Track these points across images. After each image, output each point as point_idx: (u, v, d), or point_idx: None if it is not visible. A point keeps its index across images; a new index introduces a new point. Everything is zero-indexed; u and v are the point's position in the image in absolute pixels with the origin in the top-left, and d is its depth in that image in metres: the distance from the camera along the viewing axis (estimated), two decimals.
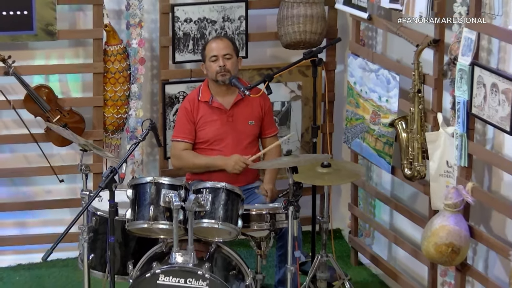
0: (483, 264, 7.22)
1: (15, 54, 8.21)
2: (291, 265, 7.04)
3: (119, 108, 8.65)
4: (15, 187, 8.88)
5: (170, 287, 6.74)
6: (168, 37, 8.66)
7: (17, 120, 8.39)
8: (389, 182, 8.43)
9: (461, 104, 6.91)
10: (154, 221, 6.94)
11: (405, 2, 7.47)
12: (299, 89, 8.90)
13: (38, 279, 8.43)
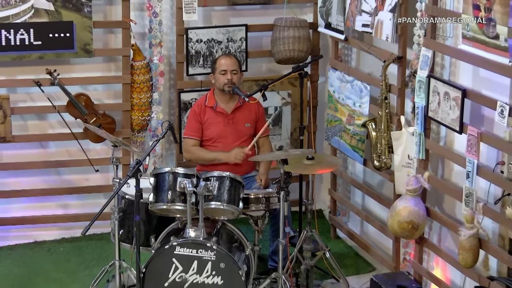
0: (437, 238, 7.30)
1: (59, 68, 8.28)
2: (282, 239, 7.08)
3: (143, 112, 8.68)
4: (59, 176, 8.91)
5: (185, 256, 6.76)
6: (182, 54, 8.67)
7: (61, 121, 8.43)
8: (362, 171, 8.47)
9: (419, 108, 6.97)
10: (172, 203, 6.98)
11: (374, 26, 7.51)
12: (289, 97, 8.92)
13: (78, 250, 8.45)
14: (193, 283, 6.78)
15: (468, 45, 6.35)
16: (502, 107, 6.07)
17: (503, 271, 6.48)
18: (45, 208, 8.91)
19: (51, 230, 8.81)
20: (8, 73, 8.51)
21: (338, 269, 7.74)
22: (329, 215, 8.98)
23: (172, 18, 8.70)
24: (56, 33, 8.32)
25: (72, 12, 8.31)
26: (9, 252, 8.50)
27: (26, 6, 8.21)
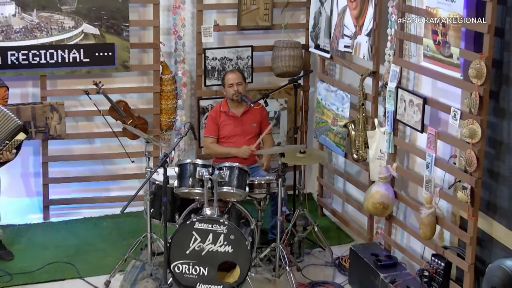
0: (403, 216, 7.31)
1: (103, 80, 8.30)
2: (280, 216, 7.10)
3: (169, 115, 8.68)
4: (103, 166, 8.91)
5: (202, 230, 6.76)
6: (201, 69, 8.67)
7: (104, 123, 8.45)
8: (343, 163, 8.46)
9: (389, 112, 6.99)
10: (192, 188, 7.00)
11: (354, 47, 7.53)
12: (285, 103, 8.91)
13: (117, 225, 8.46)
14: (209, 251, 6.78)
15: (428, 62, 6.39)
16: (455, 112, 6.10)
17: (455, 241, 6.52)
18: (91, 191, 8.91)
19: (96, 208, 8.80)
20: (63, 84, 8.53)
21: (324, 240, 7.76)
22: (317, 197, 8.96)
23: (193, 40, 8.68)
24: (101, 52, 8.33)
25: (114, 36, 8.33)
26: (64, 225, 8.51)
27: (78, 31, 8.22)
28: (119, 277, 7.29)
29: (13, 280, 7.25)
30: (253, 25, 8.68)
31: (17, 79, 8.33)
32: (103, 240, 8.14)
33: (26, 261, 7.62)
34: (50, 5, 8.12)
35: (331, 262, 7.59)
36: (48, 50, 8.18)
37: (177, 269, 6.84)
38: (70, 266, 7.53)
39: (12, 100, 8.32)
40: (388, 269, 6.66)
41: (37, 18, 8.11)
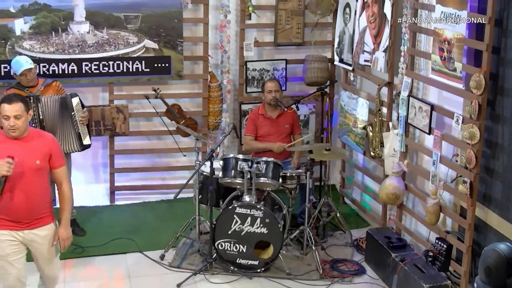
0: (412, 205, 7.28)
1: (160, 87, 8.32)
2: (307, 203, 7.13)
3: (216, 117, 8.70)
4: (160, 159, 8.93)
5: (242, 214, 6.80)
6: (243, 78, 8.67)
7: (161, 122, 8.46)
8: (362, 159, 8.43)
9: (402, 117, 6.96)
10: (234, 178, 7.02)
11: (372, 61, 7.51)
12: (314, 108, 8.90)
13: (171, 208, 8.47)
14: (247, 232, 6.82)
15: (435, 75, 6.36)
16: (457, 117, 6.09)
17: (455, 227, 6.51)
18: (150, 179, 8.94)
19: (154, 194, 8.83)
20: (127, 90, 8.59)
21: (344, 224, 7.76)
22: (339, 188, 8.94)
23: (236, 54, 8.68)
24: (159, 64, 8.37)
25: (170, 50, 8.37)
26: (127, 208, 8.58)
27: (140, 46, 8.28)
28: (171, 252, 7.33)
29: (85, 252, 7.33)
30: (287, 42, 8.67)
31: (89, 85, 8.41)
32: (159, 221, 8.18)
33: (95, 236, 7.70)
34: (117, 24, 8.19)
35: (350, 243, 7.57)
36: (115, 61, 8.26)
37: (221, 246, 6.89)
38: (131, 242, 7.59)
39: (85, 103, 8.37)
40: (399, 250, 6.66)
41: (107, 35, 8.18)
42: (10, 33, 7.95)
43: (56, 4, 8.00)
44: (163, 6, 8.24)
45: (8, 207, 5.19)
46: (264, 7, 8.60)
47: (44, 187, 5.33)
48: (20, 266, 5.31)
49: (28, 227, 5.27)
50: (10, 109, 5.11)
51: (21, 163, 5.15)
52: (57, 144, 5.45)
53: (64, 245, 5.45)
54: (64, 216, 5.43)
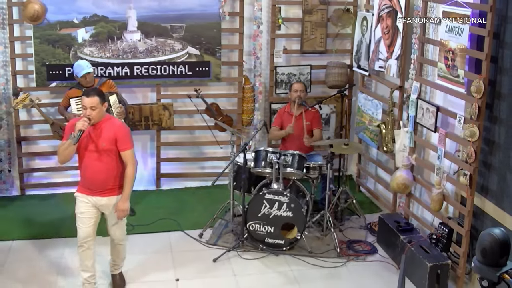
0: (418, 193, 7.25)
1: (201, 88, 8.34)
2: (328, 191, 7.15)
3: (249, 115, 8.72)
4: (199, 150, 8.95)
5: (271, 199, 6.82)
6: (273, 81, 8.68)
7: (201, 119, 8.49)
8: (375, 153, 8.39)
9: (411, 117, 6.96)
10: (264, 168, 7.05)
11: (386, 67, 7.50)
12: (334, 108, 8.87)
13: (209, 193, 8.50)
14: (275, 215, 6.85)
15: (441, 81, 6.35)
16: (459, 118, 6.08)
17: (456, 214, 6.47)
18: (191, 168, 8.98)
19: (194, 181, 8.86)
20: (172, 90, 8.62)
21: (359, 210, 7.77)
22: (355, 178, 8.93)
23: (267, 60, 8.69)
24: (200, 68, 8.41)
25: (210, 56, 8.41)
26: (171, 192, 8.62)
27: (184, 52, 8.32)
28: (209, 231, 7.38)
29: (134, 230, 7.38)
30: (311, 50, 8.66)
31: (140, 86, 8.49)
32: (199, 204, 8.21)
33: (144, 216, 7.77)
34: (164, 33, 8.25)
35: (364, 226, 7.58)
36: (162, 65, 8.31)
37: (251, 227, 6.93)
38: (174, 222, 7.65)
39: (136, 101, 8.48)
40: (406, 232, 6.66)
41: (155, 42, 8.25)
42: (73, 41, 8.06)
43: (112, 16, 8.10)
44: (204, 18, 8.28)
45: (84, 177, 5.72)
46: (292, 19, 8.60)
47: (111, 165, 5.67)
48: (89, 224, 5.75)
49: (98, 194, 5.71)
50: (88, 101, 5.49)
51: (93, 143, 5.61)
52: (124, 130, 5.72)
53: (119, 215, 5.76)
54: (125, 191, 5.75)
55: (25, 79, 8.26)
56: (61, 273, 6.45)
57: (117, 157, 5.69)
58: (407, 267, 6.28)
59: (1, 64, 8.04)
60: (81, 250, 5.80)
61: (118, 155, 5.68)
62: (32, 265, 6.62)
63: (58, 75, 8.10)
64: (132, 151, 5.72)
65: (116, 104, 7.31)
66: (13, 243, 7.08)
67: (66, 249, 6.87)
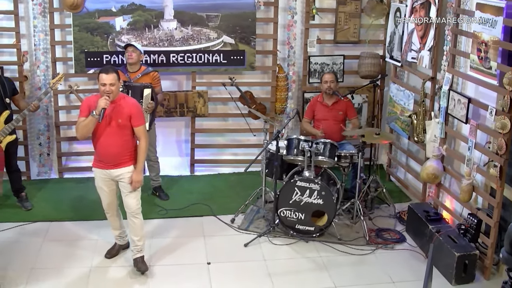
0: (448, 184, 7.22)
1: (236, 76, 8.37)
2: (358, 180, 7.15)
3: (282, 103, 8.73)
4: (233, 137, 9.00)
5: (302, 186, 6.85)
6: (306, 71, 8.68)
7: (235, 106, 8.55)
8: (406, 143, 8.34)
9: (442, 108, 6.94)
10: (296, 156, 7.08)
11: (418, 59, 7.47)
12: (366, 98, 8.86)
13: (241, 179, 8.55)
14: (306, 202, 6.87)
15: (473, 72, 6.32)
16: (491, 110, 6.05)
17: (485, 205, 6.47)
18: (224, 154, 9.03)
19: (227, 167, 8.92)
20: (207, 78, 8.67)
21: (389, 198, 7.76)
22: (386, 167, 8.91)
23: (301, 49, 8.70)
24: (235, 56, 8.45)
25: (244, 45, 8.45)
26: (204, 178, 8.67)
27: (219, 41, 8.37)
28: (241, 217, 7.44)
29: (168, 214, 7.50)
30: (345, 40, 8.64)
31: (175, 74, 8.55)
32: (231, 190, 8.26)
33: (177, 201, 7.85)
34: (200, 22, 8.31)
35: (393, 215, 7.57)
36: (198, 54, 8.36)
37: (282, 213, 6.97)
38: (207, 207, 7.71)
39: (172, 88, 8.57)
40: (435, 222, 6.66)
41: (191, 31, 8.30)
42: (111, 29, 8.16)
43: (149, 5, 8.17)
44: (239, 7, 8.31)
45: (100, 152, 6.00)
46: (326, 10, 8.60)
47: (125, 139, 5.95)
48: (108, 195, 6.19)
49: (113, 167, 6.00)
50: (107, 78, 5.79)
51: (109, 119, 5.87)
52: (137, 107, 6.01)
53: (135, 186, 6.03)
54: (139, 164, 6.03)
55: (64, 65, 8.40)
56: (97, 252, 6.59)
57: (130, 132, 5.97)
58: (435, 256, 6.28)
59: (42, 51, 8.18)
60: (108, 215, 6.39)
61: (131, 131, 5.96)
62: (68, 244, 6.78)
63: (96, 62, 8.21)
64: (144, 127, 6.00)
65: (148, 99, 7.30)
66: (51, 224, 7.24)
67: (100, 231, 7.00)
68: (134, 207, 6.12)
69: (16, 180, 7.65)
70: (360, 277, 6.27)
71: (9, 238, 6.82)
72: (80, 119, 5.86)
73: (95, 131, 5.91)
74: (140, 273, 6.22)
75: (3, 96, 7.15)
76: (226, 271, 6.32)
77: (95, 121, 5.78)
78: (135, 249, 6.28)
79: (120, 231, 6.55)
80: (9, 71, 8.05)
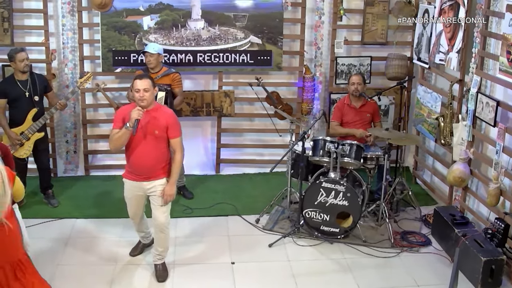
0: (475, 187, 7.16)
1: (262, 76, 8.40)
2: (384, 182, 7.11)
3: (308, 104, 8.71)
4: (259, 137, 9.01)
5: (327, 188, 6.84)
6: (333, 72, 8.66)
7: (261, 106, 8.57)
8: (433, 146, 8.30)
9: (470, 111, 6.88)
10: (322, 157, 7.06)
11: (446, 61, 7.42)
12: (393, 100, 8.83)
13: (267, 179, 8.57)
14: (331, 203, 6.86)
15: (502, 75, 6.25)
16: None
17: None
18: (250, 154, 9.04)
19: (252, 167, 8.93)
20: (234, 78, 8.70)
21: (415, 201, 7.69)
22: (412, 170, 8.87)
23: (328, 50, 8.68)
24: (262, 56, 8.46)
25: (271, 45, 8.46)
26: (229, 178, 8.71)
27: (246, 41, 8.39)
28: (265, 217, 7.44)
29: (193, 213, 7.53)
30: (372, 41, 8.62)
31: (202, 73, 8.59)
32: (256, 190, 8.27)
33: (202, 200, 7.88)
34: (227, 22, 8.33)
35: (419, 218, 7.52)
36: (225, 54, 8.39)
37: (307, 214, 6.96)
38: (232, 206, 7.73)
39: (198, 88, 8.60)
40: (461, 226, 6.58)
41: (218, 31, 8.33)
42: (139, 28, 8.21)
43: (177, 4, 8.21)
44: (267, 7, 8.32)
45: (133, 164, 5.81)
46: (353, 11, 8.58)
47: (160, 151, 5.78)
48: (135, 207, 6.09)
49: (145, 179, 5.84)
50: (141, 84, 5.63)
51: (144, 131, 5.70)
52: (174, 119, 5.82)
53: (166, 200, 5.88)
54: (172, 176, 5.86)
55: (91, 64, 8.47)
56: (121, 250, 6.64)
57: (166, 144, 5.81)
58: (461, 260, 6.22)
59: (70, 49, 8.26)
60: (132, 222, 6.34)
61: (167, 142, 5.81)
62: (93, 242, 6.84)
63: (123, 61, 8.26)
64: (181, 139, 5.84)
65: (161, 102, 7.24)
66: (76, 221, 7.30)
67: (125, 229, 7.05)
68: (163, 222, 5.96)
69: (45, 178, 7.74)
70: (385, 279, 6.24)
71: (35, 234, 6.89)
72: (113, 131, 5.69)
73: (129, 142, 5.72)
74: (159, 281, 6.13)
75: (32, 94, 7.23)
76: (250, 271, 6.33)
77: (129, 134, 5.61)
78: (157, 257, 6.21)
79: (144, 233, 6.50)
80: (38, 69, 8.14)
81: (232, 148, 8.99)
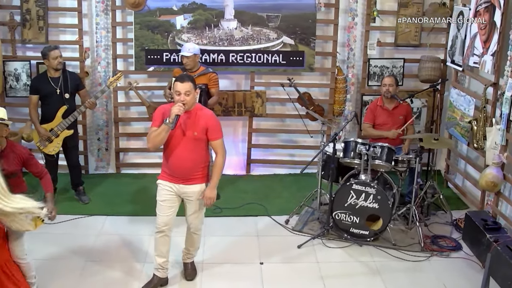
0: (508, 192, 7.08)
1: (294, 77, 8.41)
2: (415, 185, 7.09)
3: (340, 105, 8.72)
4: (290, 138, 9.01)
5: (358, 190, 6.83)
6: (365, 73, 8.66)
7: (293, 107, 8.59)
8: (465, 149, 8.24)
9: (504, 114, 6.81)
10: (353, 159, 7.05)
11: (480, 64, 7.35)
12: (426, 102, 8.76)
13: (297, 181, 8.54)
14: (361, 205, 6.85)
15: None
16: None
17: None
18: (281, 155, 9.06)
19: (283, 168, 8.95)
20: (265, 78, 8.72)
21: (446, 205, 7.64)
22: (444, 173, 8.80)
23: (361, 52, 8.67)
24: (294, 57, 8.46)
25: (304, 46, 8.46)
26: (259, 178, 8.75)
27: (279, 41, 8.40)
28: (295, 218, 7.45)
29: (222, 213, 7.57)
30: (405, 43, 8.58)
31: (234, 73, 8.63)
32: (286, 191, 8.28)
33: (232, 200, 7.91)
34: (260, 22, 8.34)
35: (450, 222, 7.46)
36: (257, 54, 8.41)
37: (337, 216, 6.95)
38: (261, 207, 7.75)
39: (230, 87, 8.63)
40: (493, 231, 6.51)
41: (251, 31, 8.35)
42: (172, 27, 8.26)
43: (210, 4, 8.25)
44: (300, 8, 8.33)
45: (171, 166, 5.60)
46: (387, 12, 8.55)
47: (200, 154, 5.61)
48: (169, 213, 5.74)
49: (183, 182, 5.64)
50: (182, 87, 5.40)
51: (183, 131, 5.52)
52: (215, 120, 5.61)
53: (207, 203, 5.75)
54: (213, 180, 5.69)
55: (124, 62, 8.55)
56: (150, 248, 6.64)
57: (206, 146, 5.64)
58: (492, 266, 6.15)
59: (103, 48, 8.34)
60: (158, 236, 5.82)
61: (206, 144, 5.64)
62: (122, 239, 6.91)
63: (156, 59, 8.32)
64: (222, 141, 5.66)
65: None
66: (107, 218, 7.37)
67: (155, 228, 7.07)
68: (197, 226, 5.92)
69: (75, 174, 7.83)
70: (414, 283, 6.20)
71: (65, 230, 6.98)
72: (152, 129, 5.46)
73: (168, 142, 5.53)
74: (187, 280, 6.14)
75: (62, 91, 7.32)
76: (279, 272, 6.34)
77: (168, 129, 5.37)
78: (187, 255, 6.21)
79: (165, 259, 5.95)
80: (71, 67, 8.23)
81: (263, 148, 9.01)
